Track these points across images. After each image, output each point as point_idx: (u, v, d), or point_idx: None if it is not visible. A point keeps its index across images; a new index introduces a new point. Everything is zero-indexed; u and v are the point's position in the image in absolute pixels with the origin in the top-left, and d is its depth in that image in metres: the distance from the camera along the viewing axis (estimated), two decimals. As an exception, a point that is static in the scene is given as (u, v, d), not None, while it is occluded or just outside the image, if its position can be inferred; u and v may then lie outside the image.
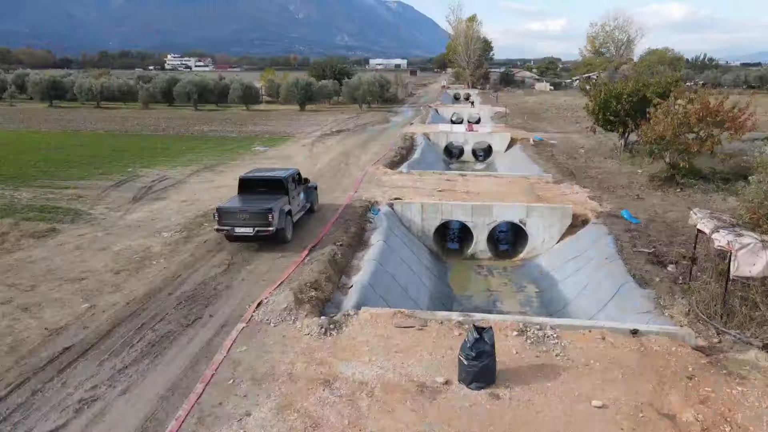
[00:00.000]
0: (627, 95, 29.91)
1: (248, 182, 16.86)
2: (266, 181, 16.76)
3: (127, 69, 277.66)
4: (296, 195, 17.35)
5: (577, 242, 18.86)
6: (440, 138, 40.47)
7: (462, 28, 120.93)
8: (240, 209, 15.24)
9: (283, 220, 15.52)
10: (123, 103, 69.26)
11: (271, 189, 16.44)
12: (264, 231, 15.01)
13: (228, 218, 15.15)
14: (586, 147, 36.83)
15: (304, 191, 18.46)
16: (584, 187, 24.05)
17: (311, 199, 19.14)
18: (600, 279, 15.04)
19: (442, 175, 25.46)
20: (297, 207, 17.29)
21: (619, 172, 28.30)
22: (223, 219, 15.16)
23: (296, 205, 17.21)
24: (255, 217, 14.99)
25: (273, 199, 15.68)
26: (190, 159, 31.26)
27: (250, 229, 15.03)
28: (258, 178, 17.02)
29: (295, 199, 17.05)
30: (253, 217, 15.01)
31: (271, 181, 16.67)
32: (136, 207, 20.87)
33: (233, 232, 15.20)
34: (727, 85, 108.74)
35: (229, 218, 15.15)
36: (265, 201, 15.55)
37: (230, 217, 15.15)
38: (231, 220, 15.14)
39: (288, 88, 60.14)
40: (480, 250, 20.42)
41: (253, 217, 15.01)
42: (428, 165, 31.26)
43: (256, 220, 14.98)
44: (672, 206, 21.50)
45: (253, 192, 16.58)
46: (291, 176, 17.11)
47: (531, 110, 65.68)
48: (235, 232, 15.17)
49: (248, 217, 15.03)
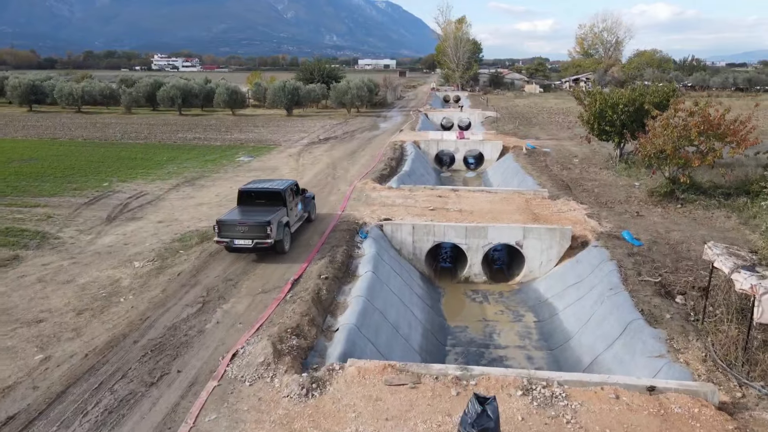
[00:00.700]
0: (623, 105, 28.99)
1: (247, 194, 17.16)
2: (265, 193, 17.02)
3: (113, 69, 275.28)
4: (294, 206, 17.69)
5: (577, 266, 17.84)
6: (431, 146, 39.41)
7: (451, 30, 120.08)
8: (239, 222, 15.47)
9: (281, 232, 15.79)
10: (105, 107, 67.60)
11: (269, 201, 16.78)
12: (262, 243, 15.29)
13: (227, 230, 15.42)
14: (579, 156, 35.94)
15: (302, 201, 18.81)
16: (581, 203, 23.05)
17: (309, 208, 19.47)
18: (605, 313, 14.00)
19: (433, 191, 24.36)
20: (295, 218, 17.65)
21: (616, 185, 27.37)
22: (223, 231, 15.45)
23: (294, 216, 17.54)
24: (254, 230, 15.29)
25: (271, 212, 15.96)
26: (170, 171, 29.93)
27: (249, 241, 15.34)
28: (257, 190, 17.24)
29: (293, 210, 17.41)
30: (252, 229, 15.30)
31: (269, 193, 16.94)
32: (109, 229, 19.57)
33: (232, 244, 15.49)
34: (715, 87, 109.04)
35: (228, 230, 15.42)
36: (263, 213, 15.82)
37: (230, 229, 15.42)
38: (230, 232, 15.42)
39: (275, 92, 58.79)
40: (474, 274, 19.35)
41: (252, 229, 15.30)
42: (418, 177, 30.17)
43: (254, 232, 15.29)
44: (674, 225, 20.56)
45: (252, 204, 16.92)
46: (289, 188, 17.45)
47: (522, 114, 64.85)
48: (234, 244, 15.46)
49: (247, 229, 15.33)
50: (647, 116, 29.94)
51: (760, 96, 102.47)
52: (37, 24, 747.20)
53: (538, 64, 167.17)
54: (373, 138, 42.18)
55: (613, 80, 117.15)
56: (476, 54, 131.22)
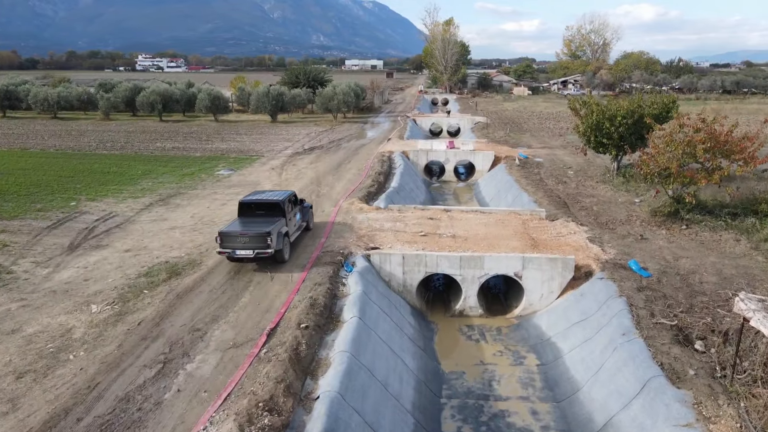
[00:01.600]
0: (621, 117, 27.66)
1: (247, 206, 17.68)
2: (264, 204, 17.50)
3: (96, 70, 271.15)
4: (293, 216, 18.15)
5: (581, 300, 16.40)
6: (420, 157, 37.92)
7: (439, 32, 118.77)
8: (240, 233, 15.93)
9: (281, 242, 16.28)
10: (83, 112, 65.41)
11: (269, 211, 17.25)
12: (263, 253, 15.78)
13: (229, 241, 15.89)
14: (574, 167, 34.63)
15: (300, 211, 19.27)
16: (581, 225, 21.65)
17: (307, 218, 20.02)
18: (618, 364, 12.53)
19: (424, 211, 22.83)
20: (294, 227, 18.11)
21: (615, 202, 26.04)
22: (225, 242, 15.92)
23: (293, 225, 18.01)
24: (254, 240, 15.74)
25: (271, 222, 16.42)
26: (144, 188, 28.14)
27: (250, 252, 15.80)
28: (256, 201, 17.77)
29: (291, 220, 17.83)
30: (252, 240, 15.75)
31: (268, 204, 17.42)
32: (70, 260, 17.81)
33: (234, 255, 15.93)
34: (703, 90, 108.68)
35: (230, 241, 15.89)
36: (263, 224, 16.31)
37: (231, 240, 15.88)
38: (232, 243, 15.88)
39: (258, 98, 56.98)
40: (469, 307, 17.85)
41: (252, 240, 15.75)
42: (408, 193, 28.65)
43: (255, 242, 15.75)
44: (681, 250, 19.21)
45: (252, 215, 17.41)
46: (287, 198, 17.93)
47: (512, 119, 63.61)
48: (235, 254, 15.92)
49: (248, 240, 15.79)
50: (646, 129, 28.77)
51: (748, 99, 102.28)
52: (20, 24, 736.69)
53: (526, 66, 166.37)
54: (360, 148, 40.60)
55: (602, 83, 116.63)
56: (464, 56, 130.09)
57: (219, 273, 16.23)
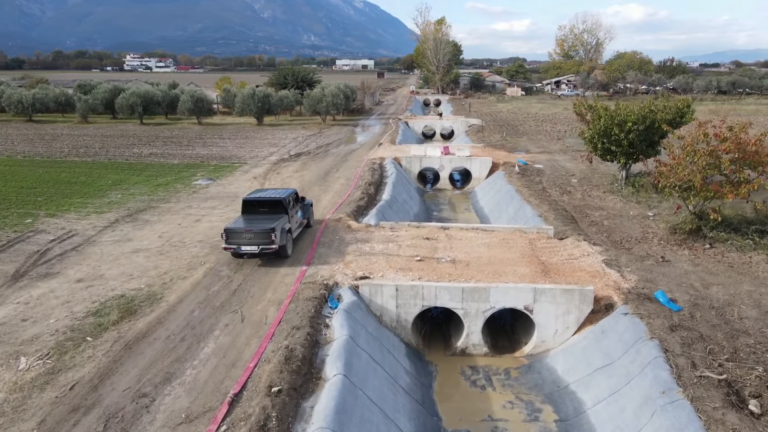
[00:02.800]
0: (632, 123, 25.46)
1: (251, 203, 18.23)
2: (267, 201, 18.07)
3: (84, 69, 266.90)
4: (294, 213, 18.69)
5: (603, 339, 14.15)
6: (413, 163, 35.64)
7: (430, 31, 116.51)
8: (245, 229, 16.51)
9: (284, 238, 16.98)
10: (61, 114, 62.64)
11: (271, 209, 17.83)
12: (268, 249, 16.37)
13: (234, 238, 16.47)
14: (577, 175, 32.46)
15: (301, 209, 19.73)
16: (594, 244, 19.42)
17: (307, 215, 20.52)
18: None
19: (419, 229, 20.51)
20: (296, 224, 18.74)
21: (627, 215, 23.85)
22: (230, 239, 16.49)
23: (295, 222, 18.60)
24: (259, 236, 16.31)
25: (275, 219, 17.10)
26: (111, 201, 25.65)
27: (255, 247, 16.36)
28: (259, 199, 18.33)
29: (293, 217, 18.44)
30: (257, 236, 16.32)
31: (271, 201, 18.00)
32: (11, 293, 15.34)
33: (239, 250, 16.51)
34: (698, 91, 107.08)
35: (235, 238, 16.47)
36: (267, 221, 16.95)
37: (237, 236, 16.46)
38: (237, 239, 16.45)
39: (244, 100, 54.40)
40: (473, 344, 15.57)
41: (257, 236, 16.32)
42: (401, 206, 26.33)
43: (260, 238, 16.30)
44: (710, 275, 17.03)
45: (256, 212, 17.98)
46: (290, 196, 18.56)
47: (507, 122, 61.50)
48: (241, 250, 16.48)
49: (253, 236, 16.36)
50: (658, 135, 26.61)
51: (744, 99, 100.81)
52: (7, 23, 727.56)
53: (518, 66, 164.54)
54: (350, 154, 38.22)
55: (597, 83, 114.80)
56: (457, 56, 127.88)
57: (180, 312, 13.84)
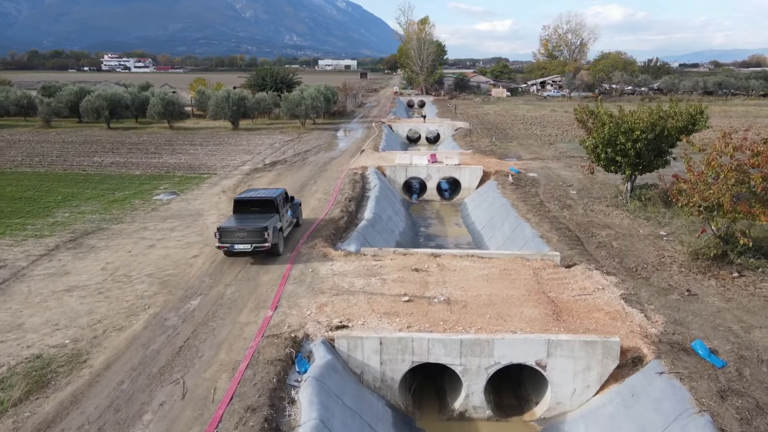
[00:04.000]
0: (640, 131, 22.96)
1: (242, 203, 18.54)
2: (259, 201, 18.35)
3: (60, 70, 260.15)
4: (285, 212, 18.97)
5: (634, 405, 11.51)
6: (398, 173, 32.92)
7: (413, 31, 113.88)
8: (238, 228, 16.76)
9: (276, 236, 17.26)
10: (23, 118, 58.94)
11: (263, 208, 18.08)
12: (261, 247, 16.60)
13: (228, 237, 16.64)
14: (575, 185, 29.99)
15: (291, 208, 19.92)
16: (607, 273, 16.86)
17: (297, 214, 20.87)
18: None
19: (407, 257, 17.75)
20: (286, 223, 19.06)
21: (638, 235, 21.34)
22: (224, 237, 16.62)
23: (285, 221, 18.96)
24: (252, 235, 16.54)
25: (266, 218, 17.36)
26: (57, 221, 22.54)
27: (248, 246, 16.58)
28: (251, 198, 18.66)
29: (284, 216, 18.79)
30: (250, 234, 16.54)
31: (263, 201, 18.30)
32: None
33: (233, 249, 16.65)
34: (684, 91, 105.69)
35: (228, 236, 16.64)
36: (259, 220, 17.19)
37: (230, 235, 16.64)
38: (230, 238, 16.63)
39: (218, 103, 51.19)
40: (473, 406, 12.85)
41: (250, 234, 16.54)
42: (385, 224, 23.57)
43: (253, 237, 16.54)
44: (748, 314, 14.51)
45: (248, 212, 18.19)
46: (280, 195, 18.85)
47: (495, 125, 59.10)
48: (234, 248, 16.63)
49: (246, 234, 16.56)
50: (668, 144, 24.21)
51: (731, 100, 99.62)
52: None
53: (503, 66, 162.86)
54: (329, 162, 35.36)
55: (583, 84, 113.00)
56: (441, 56, 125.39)
57: (105, 384, 10.90)
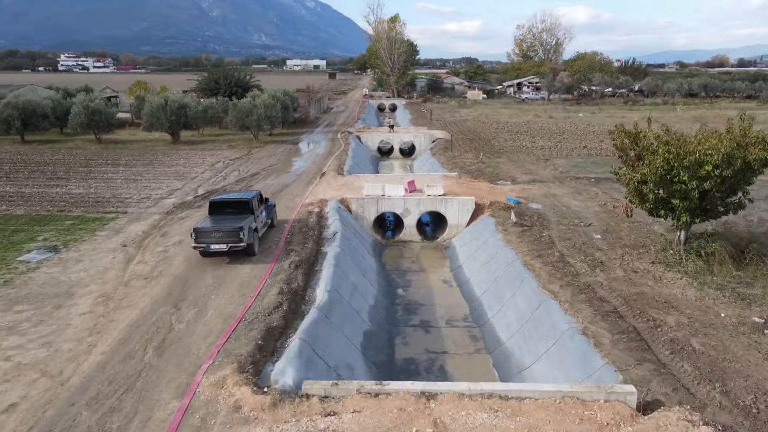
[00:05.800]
0: (714, 166, 15.92)
1: (218, 204, 19.04)
2: (234, 202, 18.85)
3: (13, 70, 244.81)
4: (260, 213, 19.28)
5: None
6: (367, 208, 25.55)
7: (383, 30, 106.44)
8: (214, 228, 17.17)
9: (251, 236, 17.62)
10: None
11: (238, 209, 18.50)
12: (236, 247, 17.03)
13: (203, 237, 17.01)
14: (596, 225, 22.99)
15: (265, 209, 20.31)
16: (721, 427, 9.72)
17: (271, 215, 21.14)
18: None
19: (380, 401, 10.31)
20: (261, 224, 19.36)
21: (721, 323, 14.34)
22: (199, 238, 17.02)
23: (260, 222, 19.22)
24: (228, 235, 16.99)
25: (242, 219, 17.77)
26: None
27: (224, 246, 16.97)
28: (226, 200, 19.20)
29: (258, 217, 19.03)
30: (226, 235, 16.99)
31: (238, 202, 18.78)
32: None
33: (209, 249, 17.07)
34: (667, 94, 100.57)
35: (204, 237, 17.01)
36: (234, 220, 17.63)
37: (205, 236, 17.03)
38: (206, 238, 17.01)
39: (153, 111, 42.85)
40: None
41: (226, 235, 16.99)
42: (347, 307, 15.97)
43: (228, 237, 16.97)
44: None
45: (223, 213, 18.61)
46: (255, 197, 19.26)
47: (476, 133, 52.09)
48: (210, 248, 17.04)
49: (222, 235, 17.00)
50: (745, 181, 17.30)
51: (718, 102, 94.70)
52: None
53: (477, 67, 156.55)
54: (279, 193, 27.58)
55: (563, 86, 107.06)
56: (412, 56, 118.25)
57: None
